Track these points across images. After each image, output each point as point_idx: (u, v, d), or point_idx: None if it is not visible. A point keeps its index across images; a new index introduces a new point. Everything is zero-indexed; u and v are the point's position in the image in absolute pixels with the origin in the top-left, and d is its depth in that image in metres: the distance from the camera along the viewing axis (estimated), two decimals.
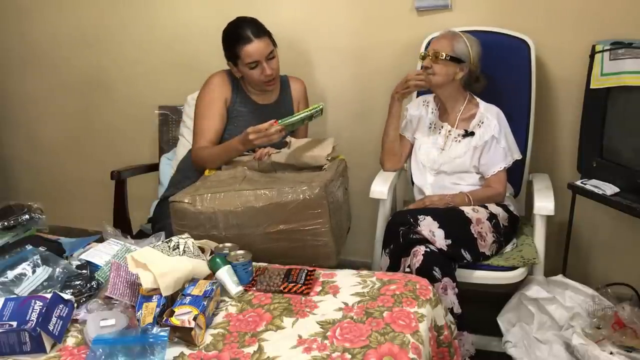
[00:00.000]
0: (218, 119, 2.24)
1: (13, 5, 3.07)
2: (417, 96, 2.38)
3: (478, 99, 2.21)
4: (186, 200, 1.85)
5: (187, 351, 1.39)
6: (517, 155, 2.19)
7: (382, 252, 2.03)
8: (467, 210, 2.04)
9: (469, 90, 2.21)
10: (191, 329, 1.40)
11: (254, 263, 1.73)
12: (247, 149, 2.12)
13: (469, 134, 2.15)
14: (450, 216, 2.01)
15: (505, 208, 2.15)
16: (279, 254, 1.83)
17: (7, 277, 1.59)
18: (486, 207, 2.10)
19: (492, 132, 2.12)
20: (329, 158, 2.07)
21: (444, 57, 2.09)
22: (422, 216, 1.97)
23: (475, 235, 1.99)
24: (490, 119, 2.14)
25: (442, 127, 2.21)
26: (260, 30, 2.17)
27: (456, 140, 2.17)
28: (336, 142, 2.17)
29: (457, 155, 2.16)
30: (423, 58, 2.16)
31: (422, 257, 1.86)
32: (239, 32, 2.15)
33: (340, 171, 2.03)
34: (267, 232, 1.83)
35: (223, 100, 2.26)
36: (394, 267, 1.97)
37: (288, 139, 2.18)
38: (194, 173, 2.19)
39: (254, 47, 2.14)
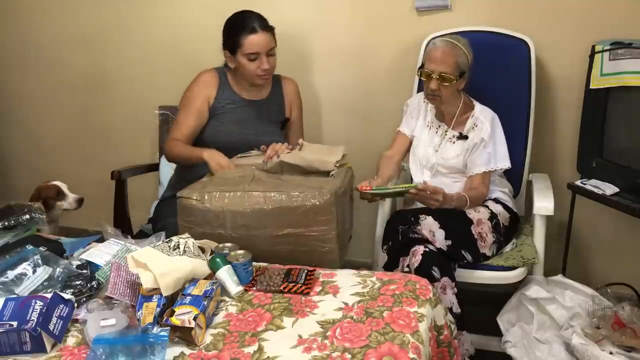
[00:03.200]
0: (195, 115, 2.25)
1: (13, 5, 3.07)
2: (418, 91, 2.38)
3: (474, 101, 2.19)
4: (194, 197, 1.84)
5: (187, 351, 1.39)
6: (502, 165, 2.13)
7: (381, 249, 2.03)
8: (469, 210, 2.04)
9: (463, 91, 2.18)
10: (191, 328, 1.40)
11: (254, 263, 1.74)
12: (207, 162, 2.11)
13: (463, 137, 2.14)
14: (451, 216, 2.01)
15: (506, 207, 2.15)
16: (284, 257, 1.82)
17: (7, 277, 1.59)
18: (487, 207, 2.10)
19: (483, 135, 2.10)
20: (337, 165, 2.07)
21: (452, 80, 2.03)
22: (423, 215, 1.97)
23: (476, 236, 2.00)
24: (484, 122, 2.11)
25: (439, 126, 2.21)
26: (266, 25, 2.19)
27: (451, 142, 2.16)
28: (346, 151, 2.14)
29: (450, 157, 2.15)
30: (427, 77, 2.05)
31: (420, 257, 1.87)
32: (246, 22, 2.17)
33: (347, 179, 2.03)
34: (274, 234, 1.82)
35: (205, 98, 2.27)
36: (391, 264, 1.97)
37: (300, 141, 2.19)
38: (190, 175, 2.19)
39: (259, 39, 2.16)
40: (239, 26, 2.18)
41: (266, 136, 2.23)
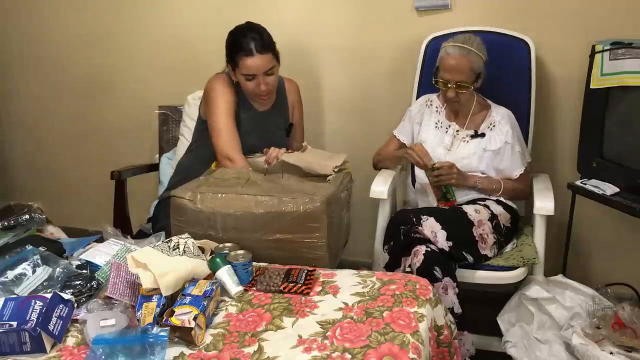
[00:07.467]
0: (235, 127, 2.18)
1: (14, 5, 3.07)
2: (418, 91, 2.38)
3: (488, 100, 2.20)
4: (187, 197, 1.84)
5: (187, 351, 1.39)
6: (529, 158, 2.22)
7: (382, 249, 2.02)
8: (470, 212, 2.04)
9: (476, 90, 2.18)
10: (191, 328, 1.40)
11: (254, 263, 1.74)
12: None
13: (478, 134, 2.14)
14: (453, 218, 2.01)
15: (507, 207, 2.15)
16: (274, 261, 1.81)
17: (7, 277, 1.59)
18: (488, 207, 2.10)
19: (506, 139, 2.11)
20: (336, 169, 2.06)
21: (469, 87, 2.06)
22: (425, 216, 1.97)
23: (477, 238, 1.99)
24: (503, 124, 2.12)
25: (449, 126, 2.20)
26: (264, 46, 2.10)
27: (464, 141, 2.16)
28: (348, 159, 2.13)
29: (464, 156, 2.14)
30: (444, 85, 2.07)
31: (422, 257, 1.86)
32: (243, 43, 2.10)
33: (344, 185, 2.01)
34: (264, 239, 1.81)
35: (234, 102, 2.21)
36: (392, 264, 1.97)
37: (304, 144, 2.19)
38: (191, 176, 2.19)
39: (254, 62, 2.09)
40: (236, 46, 2.11)
41: (273, 146, 2.20)
